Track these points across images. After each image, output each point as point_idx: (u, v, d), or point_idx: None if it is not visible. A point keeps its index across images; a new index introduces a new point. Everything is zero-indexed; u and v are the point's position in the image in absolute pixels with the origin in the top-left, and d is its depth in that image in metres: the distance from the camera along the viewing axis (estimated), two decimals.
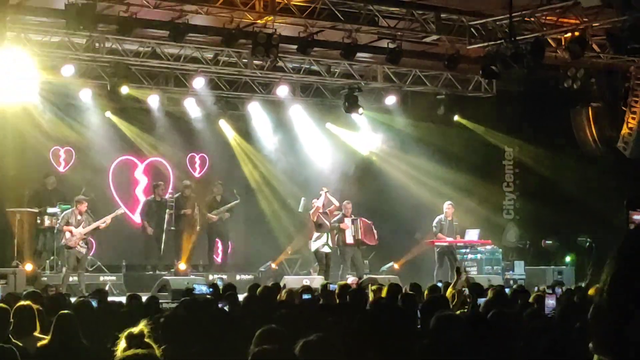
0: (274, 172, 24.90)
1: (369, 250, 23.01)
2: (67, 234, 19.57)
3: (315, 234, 20.91)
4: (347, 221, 21.22)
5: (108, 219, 20.15)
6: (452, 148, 24.59)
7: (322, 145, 24.93)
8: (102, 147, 23.07)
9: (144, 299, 12.00)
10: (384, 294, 11.82)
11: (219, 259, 23.60)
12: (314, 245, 20.96)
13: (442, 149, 24.54)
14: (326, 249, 20.89)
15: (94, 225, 19.85)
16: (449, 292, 12.02)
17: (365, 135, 25.10)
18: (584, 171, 23.55)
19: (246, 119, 24.84)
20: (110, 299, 13.00)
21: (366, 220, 21.64)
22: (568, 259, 23.34)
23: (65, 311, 8.31)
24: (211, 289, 14.00)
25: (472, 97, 23.75)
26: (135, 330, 5.33)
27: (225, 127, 24.89)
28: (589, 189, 23.08)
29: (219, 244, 23.64)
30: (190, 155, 24.92)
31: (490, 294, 11.22)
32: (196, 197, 23.08)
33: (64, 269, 19.79)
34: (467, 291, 12.26)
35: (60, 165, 23.05)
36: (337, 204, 21.53)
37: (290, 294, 12.57)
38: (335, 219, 21.37)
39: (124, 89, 20.92)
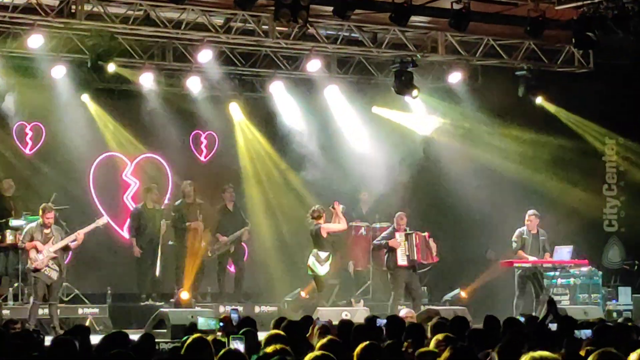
0: (303, 173, 24.83)
1: (429, 274, 22.94)
2: (33, 253, 19.41)
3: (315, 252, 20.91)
4: (399, 237, 21.12)
5: (81, 233, 19.86)
6: (535, 139, 24.51)
7: (366, 137, 24.89)
8: (80, 142, 23.13)
9: (135, 337, 12.03)
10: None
11: (231, 285, 23.66)
12: (322, 269, 20.87)
13: (522, 141, 24.46)
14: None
15: (63, 242, 19.62)
16: None
17: (422, 123, 25.04)
18: None
19: (266, 103, 24.89)
20: (92, 337, 13.04)
21: (420, 233, 21.54)
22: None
23: (35, 354, 8.34)
24: (222, 324, 14.02)
25: (562, 74, 23.65)
26: None
27: (238, 112, 24.94)
28: None
29: (232, 266, 23.72)
30: (194, 133, 25.08)
31: (592, 332, 11.09)
32: (204, 202, 23.16)
33: (31, 299, 19.76)
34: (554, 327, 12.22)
35: (26, 146, 23.19)
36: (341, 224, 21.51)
37: (324, 330, 12.57)
38: (384, 234, 21.34)
39: (110, 67, 20.99)
